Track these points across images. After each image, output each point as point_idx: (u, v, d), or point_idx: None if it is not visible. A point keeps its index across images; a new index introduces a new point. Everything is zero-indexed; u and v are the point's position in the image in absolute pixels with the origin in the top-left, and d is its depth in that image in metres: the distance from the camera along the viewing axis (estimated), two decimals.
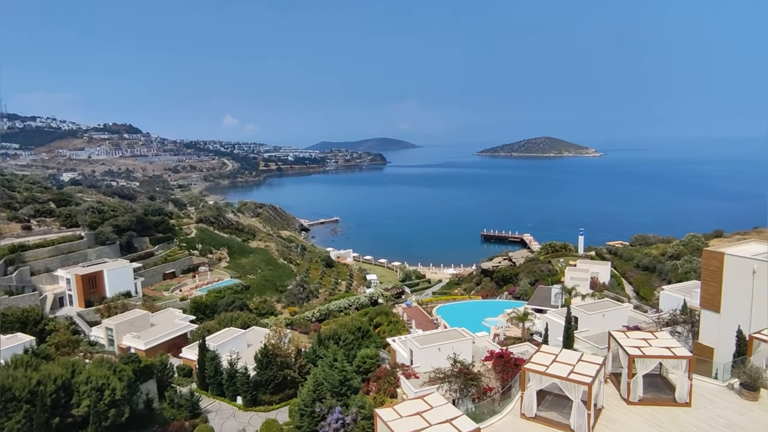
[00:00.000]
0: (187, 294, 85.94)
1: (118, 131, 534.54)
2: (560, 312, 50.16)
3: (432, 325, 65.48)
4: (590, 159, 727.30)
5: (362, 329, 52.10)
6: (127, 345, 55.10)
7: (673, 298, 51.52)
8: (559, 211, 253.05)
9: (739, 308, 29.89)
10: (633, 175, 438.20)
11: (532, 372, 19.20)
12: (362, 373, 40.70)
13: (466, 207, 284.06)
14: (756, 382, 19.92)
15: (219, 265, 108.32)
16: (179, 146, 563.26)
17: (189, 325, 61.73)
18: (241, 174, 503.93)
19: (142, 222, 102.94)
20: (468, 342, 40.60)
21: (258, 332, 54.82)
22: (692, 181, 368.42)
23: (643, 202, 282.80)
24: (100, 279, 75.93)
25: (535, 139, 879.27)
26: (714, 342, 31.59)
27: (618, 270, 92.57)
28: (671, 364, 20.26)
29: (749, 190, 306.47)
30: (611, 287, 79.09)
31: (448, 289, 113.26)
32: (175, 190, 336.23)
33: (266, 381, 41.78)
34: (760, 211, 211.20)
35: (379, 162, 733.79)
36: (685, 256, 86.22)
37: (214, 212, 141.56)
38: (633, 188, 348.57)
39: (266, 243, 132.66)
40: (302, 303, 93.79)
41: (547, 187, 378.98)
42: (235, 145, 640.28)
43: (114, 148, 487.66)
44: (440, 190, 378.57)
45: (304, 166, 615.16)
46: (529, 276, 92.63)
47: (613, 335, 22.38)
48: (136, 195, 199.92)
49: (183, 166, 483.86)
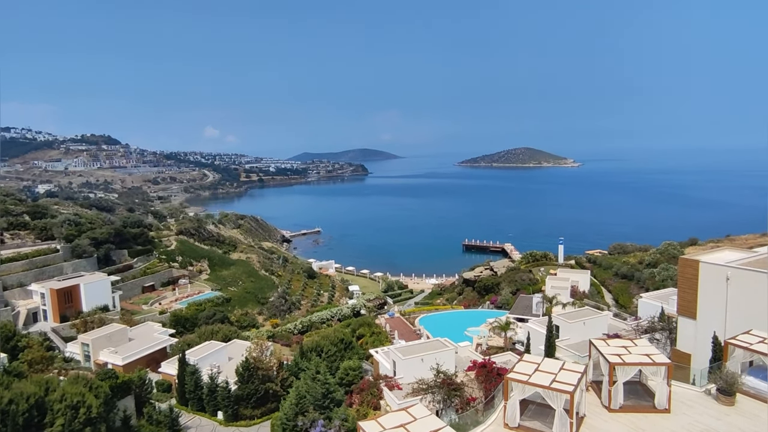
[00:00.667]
0: (166, 307, 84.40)
1: (96, 142, 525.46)
2: (542, 321, 50.58)
3: (415, 336, 65.36)
4: (568, 169, 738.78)
5: (345, 341, 51.78)
6: (104, 360, 53.75)
7: (651, 305, 52.42)
8: (539, 220, 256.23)
9: (714, 315, 30.53)
10: (610, 185, 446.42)
11: (514, 381, 19.29)
12: (345, 385, 40.39)
13: (448, 217, 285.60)
14: (732, 387, 20.32)
15: (199, 277, 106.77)
16: (159, 157, 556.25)
17: (168, 339, 60.56)
18: (222, 185, 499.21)
19: (121, 234, 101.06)
20: (451, 352, 40.63)
21: (239, 345, 54.09)
22: (667, 191, 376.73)
23: (621, 211, 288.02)
24: (76, 293, 74.14)
25: (515, 149, 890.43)
26: (691, 348, 32.17)
27: (597, 278, 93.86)
28: (650, 371, 20.57)
29: (722, 199, 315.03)
30: (591, 296, 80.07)
31: (430, 300, 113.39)
32: (155, 201, 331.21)
33: (248, 395, 41.15)
34: (732, 219, 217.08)
35: (360, 173, 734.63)
36: (662, 264, 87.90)
37: (194, 224, 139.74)
38: (611, 198, 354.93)
39: (247, 255, 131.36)
40: (284, 315, 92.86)
41: (527, 197, 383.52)
42: (215, 156, 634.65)
43: (92, 160, 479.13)
44: (422, 200, 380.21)
45: (286, 177, 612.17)
46: (510, 285, 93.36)
47: (593, 343, 22.64)
48: (115, 207, 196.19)
49: (163, 178, 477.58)
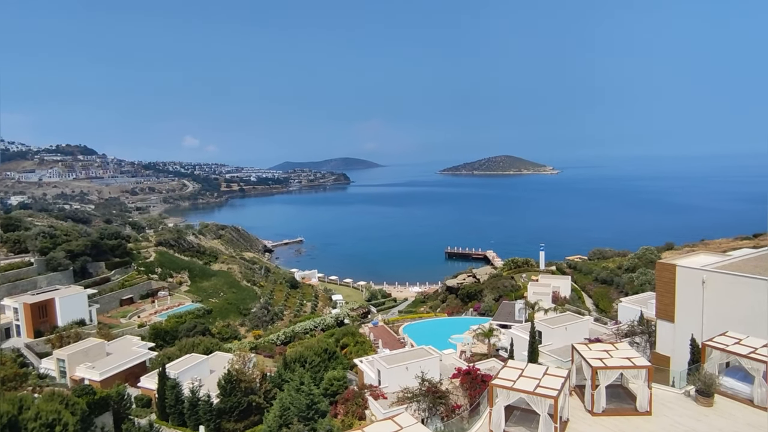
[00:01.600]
0: (145, 320, 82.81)
1: (72, 153, 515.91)
2: (524, 327, 50.99)
3: (399, 344, 65.24)
4: (548, 176, 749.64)
5: (329, 351, 51.39)
6: (80, 376, 52.40)
7: (630, 309, 53.31)
8: (520, 227, 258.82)
9: (691, 317, 31.16)
10: (589, 192, 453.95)
11: (499, 388, 19.35)
12: (329, 395, 40.04)
13: (430, 225, 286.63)
14: (710, 388, 20.69)
15: (180, 289, 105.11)
16: (137, 167, 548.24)
17: (148, 352, 59.38)
18: (202, 195, 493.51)
19: (98, 246, 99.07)
20: (435, 360, 40.65)
21: (221, 357, 53.26)
22: (644, 197, 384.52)
23: (600, 217, 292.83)
24: (51, 307, 72.27)
25: (496, 157, 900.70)
26: (670, 351, 32.74)
27: (578, 284, 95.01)
28: (632, 374, 20.84)
29: (696, 204, 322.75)
30: (572, 301, 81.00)
31: (414, 308, 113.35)
32: (133, 212, 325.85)
33: (230, 408, 40.50)
34: (707, 223, 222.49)
35: (343, 182, 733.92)
36: (640, 269, 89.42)
37: (174, 235, 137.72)
38: (589, 204, 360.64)
39: (229, 265, 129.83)
40: (267, 326, 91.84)
41: (507, 204, 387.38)
42: (195, 166, 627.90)
43: (67, 170, 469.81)
44: (404, 208, 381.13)
45: (267, 187, 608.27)
46: (493, 292, 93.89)
47: (576, 348, 22.86)
48: (92, 218, 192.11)
49: (141, 188, 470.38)
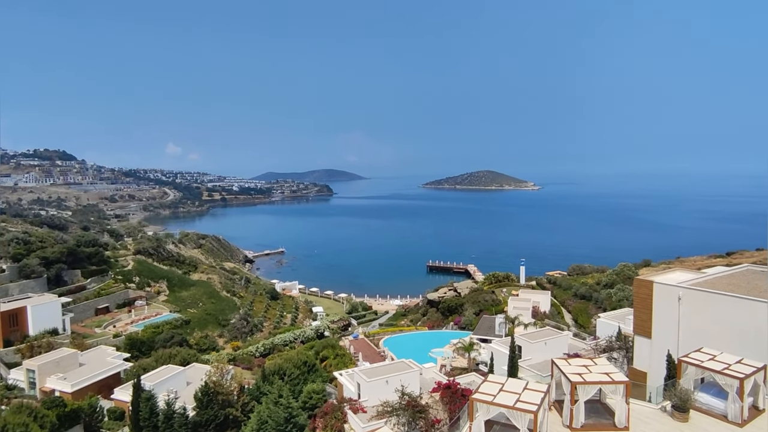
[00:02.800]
0: (121, 330, 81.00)
1: (50, 158, 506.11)
2: (504, 341, 51.16)
3: (379, 358, 64.93)
4: (529, 192, 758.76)
5: (308, 363, 50.89)
6: (51, 388, 50.87)
7: (608, 325, 53.93)
8: (501, 241, 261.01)
9: (667, 333, 31.68)
10: (569, 208, 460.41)
11: (479, 402, 19.41)
12: (308, 409, 39.58)
13: (412, 238, 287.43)
14: (686, 403, 21.06)
15: (157, 298, 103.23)
16: (117, 174, 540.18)
17: (123, 363, 57.97)
18: (183, 204, 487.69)
19: (74, 254, 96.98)
20: (415, 374, 40.48)
21: (198, 369, 52.31)
22: (622, 214, 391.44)
23: (579, 233, 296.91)
24: (23, 315, 70.23)
25: (478, 172, 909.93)
26: (647, 366, 33.18)
27: (557, 299, 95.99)
28: (610, 390, 21.09)
29: (672, 222, 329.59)
30: (552, 316, 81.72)
31: (394, 321, 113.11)
32: (112, 220, 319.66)
33: (206, 421, 39.71)
34: (683, 241, 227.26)
35: (325, 193, 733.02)
36: (618, 285, 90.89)
37: (153, 243, 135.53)
38: (569, 220, 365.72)
39: (209, 275, 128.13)
40: (246, 337, 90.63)
41: (489, 218, 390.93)
42: (177, 174, 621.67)
43: (45, 176, 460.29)
44: (387, 221, 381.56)
45: (250, 197, 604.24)
46: (473, 306, 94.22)
47: (555, 363, 23.07)
48: (68, 225, 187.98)
49: (121, 195, 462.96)
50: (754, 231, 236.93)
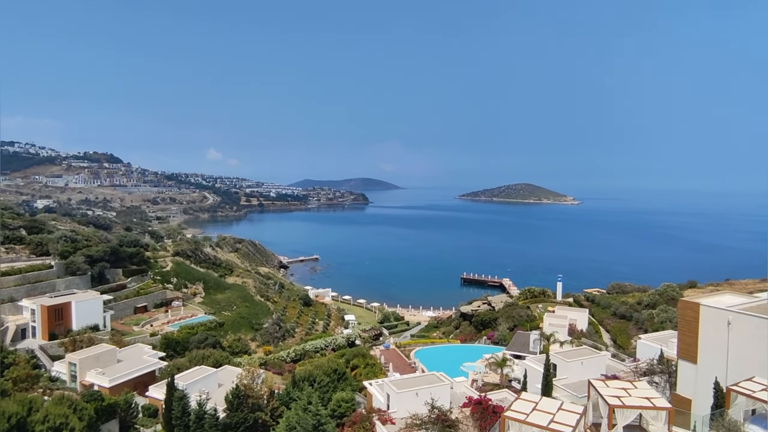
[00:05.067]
0: (158, 329, 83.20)
1: (98, 160, 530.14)
2: (539, 359, 49.77)
3: (410, 369, 64.27)
4: (568, 207, 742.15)
5: (338, 371, 50.77)
6: (90, 382, 52.57)
7: (649, 347, 51.77)
8: (538, 256, 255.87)
9: (715, 359, 30.02)
10: (609, 224, 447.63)
11: (512, 420, 18.80)
12: (337, 417, 39.38)
13: (447, 249, 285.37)
14: None
15: (193, 300, 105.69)
16: (160, 177, 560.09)
17: (158, 362, 59.41)
18: (221, 208, 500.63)
19: (117, 253, 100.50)
20: (446, 387, 39.77)
21: (230, 372, 53.00)
22: (664, 232, 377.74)
23: (619, 250, 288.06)
24: (67, 311, 73.12)
25: (515, 185, 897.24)
26: (691, 393, 31.51)
27: (595, 317, 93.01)
28: (651, 416, 20.09)
29: (718, 242, 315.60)
30: (589, 335, 79.17)
31: (426, 332, 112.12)
32: (153, 221, 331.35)
33: (236, 424, 40.04)
34: (731, 262, 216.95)
35: (361, 201, 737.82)
36: (661, 306, 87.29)
37: (191, 246, 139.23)
38: (609, 236, 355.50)
39: (243, 279, 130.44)
40: (277, 342, 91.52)
41: (526, 232, 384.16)
42: (217, 179, 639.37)
43: (93, 177, 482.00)
44: (421, 231, 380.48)
45: (286, 203, 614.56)
46: (507, 321, 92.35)
47: (592, 384, 22.19)
48: (112, 225, 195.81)
49: (162, 198, 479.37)
50: None
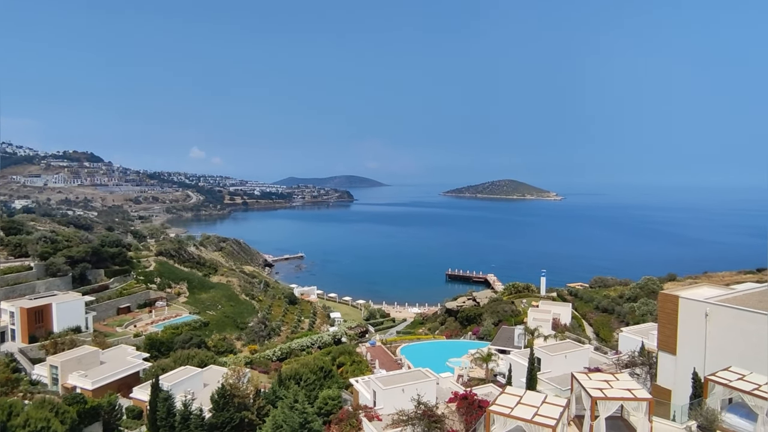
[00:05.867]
0: (141, 330, 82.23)
1: (78, 159, 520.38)
2: (523, 353, 50.37)
3: (396, 366, 64.53)
4: (551, 202, 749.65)
5: (324, 369, 50.84)
6: (72, 384, 51.83)
7: (631, 339, 52.73)
8: (522, 252, 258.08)
9: (694, 350, 30.73)
10: (592, 219, 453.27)
11: (497, 414, 19.04)
12: (324, 415, 39.44)
13: (432, 246, 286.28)
14: (712, 424, 20.33)
15: (177, 300, 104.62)
16: (142, 176, 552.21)
17: (142, 363, 58.76)
18: (205, 207, 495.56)
19: (98, 253, 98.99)
20: (432, 383, 40.05)
21: (215, 371, 52.69)
22: (647, 226, 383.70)
23: (602, 245, 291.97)
24: (48, 313, 71.88)
25: (499, 181, 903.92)
26: (671, 384, 32.21)
27: (578, 311, 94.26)
28: (632, 407, 20.49)
29: (699, 236, 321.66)
30: (572, 328, 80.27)
31: (412, 329, 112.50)
32: (136, 221, 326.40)
33: (222, 424, 39.86)
34: (708, 255, 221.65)
35: (346, 199, 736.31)
36: (642, 299, 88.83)
37: (175, 245, 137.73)
38: (592, 231, 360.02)
39: (228, 278, 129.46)
40: (263, 341, 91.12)
41: (510, 228, 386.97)
42: (200, 178, 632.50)
43: (73, 176, 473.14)
44: (406, 228, 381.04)
45: (271, 201, 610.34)
46: (492, 316, 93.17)
47: (576, 377, 22.56)
48: (94, 225, 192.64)
49: (145, 197, 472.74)
50: None
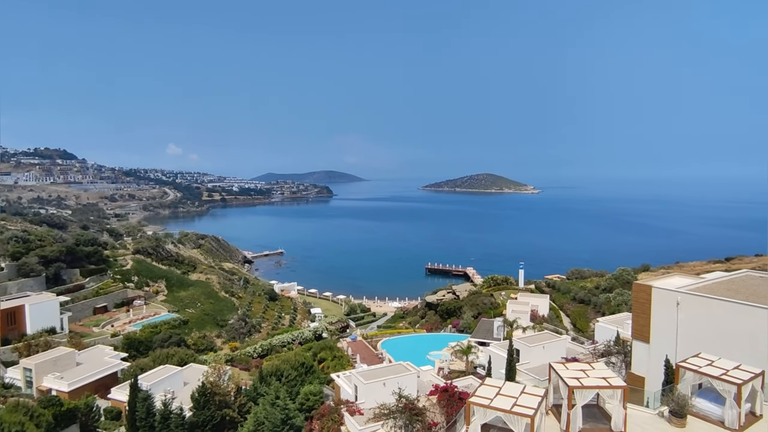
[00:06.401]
0: (119, 329, 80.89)
1: (50, 156, 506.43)
2: (502, 345, 51.13)
3: (377, 360, 64.84)
4: (529, 195, 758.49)
5: (306, 365, 50.81)
6: (48, 387, 50.77)
7: (607, 329, 53.94)
8: (501, 245, 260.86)
9: (666, 338, 31.66)
10: (569, 212, 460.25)
11: (476, 406, 19.36)
12: (305, 410, 39.51)
13: (411, 240, 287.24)
14: (683, 409, 21.00)
15: (156, 298, 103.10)
16: (118, 174, 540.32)
17: (120, 363, 57.88)
18: (183, 204, 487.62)
19: (73, 252, 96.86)
20: (413, 376, 40.41)
21: (196, 369, 52.26)
22: (623, 218, 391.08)
23: (579, 237, 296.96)
24: (21, 314, 70.15)
25: (477, 175, 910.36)
26: (645, 371, 33.14)
27: (556, 303, 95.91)
28: (607, 394, 21.02)
29: (672, 227, 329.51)
30: (550, 320, 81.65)
31: (393, 323, 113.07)
32: (112, 219, 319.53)
33: (203, 422, 39.59)
34: (680, 246, 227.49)
35: (325, 194, 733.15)
36: (617, 289, 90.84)
37: (152, 243, 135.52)
38: (569, 224, 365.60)
39: (207, 275, 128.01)
40: (244, 338, 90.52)
41: (488, 221, 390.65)
42: (177, 174, 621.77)
43: (45, 174, 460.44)
44: (386, 223, 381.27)
45: (249, 197, 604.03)
46: (472, 309, 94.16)
47: (553, 367, 23.02)
48: (68, 224, 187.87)
49: (121, 195, 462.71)
50: (754, 237, 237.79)
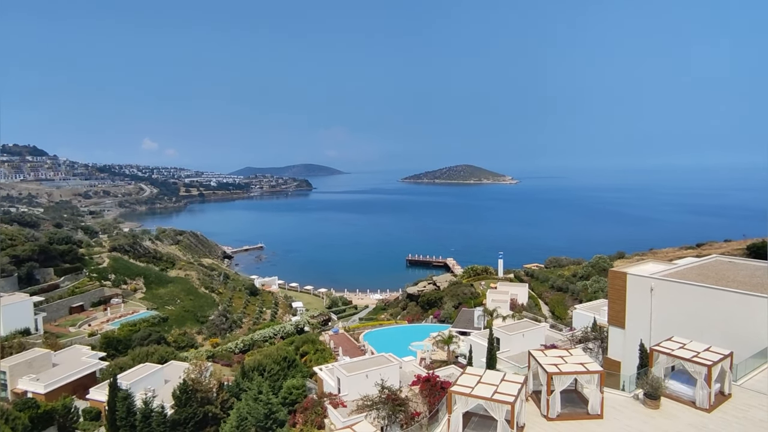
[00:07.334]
0: (97, 329, 79.51)
1: (19, 153, 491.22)
2: (483, 334, 51.82)
3: (359, 352, 65.09)
4: (507, 186, 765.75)
5: (288, 359, 50.78)
6: (23, 389, 49.67)
7: (584, 316, 55.10)
8: (480, 235, 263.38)
9: (640, 323, 32.52)
10: (546, 202, 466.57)
11: (458, 394, 19.65)
12: (288, 404, 39.55)
13: (392, 232, 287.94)
14: (657, 391, 21.68)
15: (134, 296, 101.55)
16: (91, 170, 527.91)
17: (98, 362, 56.90)
18: (160, 200, 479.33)
19: (46, 251, 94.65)
20: (395, 367, 40.76)
21: (176, 367, 51.73)
22: (600, 207, 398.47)
23: (556, 226, 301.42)
24: None
25: (456, 166, 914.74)
26: (620, 356, 34.02)
27: (535, 291, 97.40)
28: (585, 379, 21.57)
29: (646, 215, 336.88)
30: (529, 308, 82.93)
31: (374, 315, 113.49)
32: (86, 216, 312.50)
33: (185, 419, 39.31)
34: (654, 233, 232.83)
35: (305, 188, 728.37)
36: (594, 277, 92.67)
37: (129, 240, 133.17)
38: (546, 213, 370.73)
39: (186, 272, 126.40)
40: (225, 334, 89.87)
41: (468, 212, 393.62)
42: (153, 170, 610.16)
43: (14, 171, 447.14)
44: (366, 216, 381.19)
45: (228, 192, 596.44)
46: (452, 299, 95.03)
47: (532, 354, 23.48)
48: (40, 222, 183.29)
49: (95, 191, 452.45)
50: (726, 223, 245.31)
